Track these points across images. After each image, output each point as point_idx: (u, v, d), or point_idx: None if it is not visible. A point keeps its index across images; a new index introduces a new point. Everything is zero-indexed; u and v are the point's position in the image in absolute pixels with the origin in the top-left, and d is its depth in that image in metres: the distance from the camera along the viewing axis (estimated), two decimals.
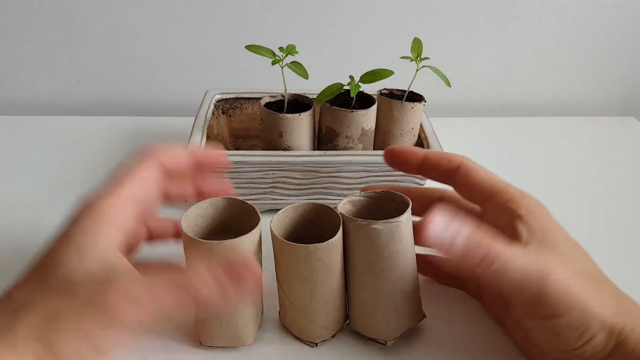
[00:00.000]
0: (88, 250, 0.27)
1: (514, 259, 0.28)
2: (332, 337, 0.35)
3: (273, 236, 0.32)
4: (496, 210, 0.32)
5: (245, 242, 0.30)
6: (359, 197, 0.35)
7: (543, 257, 0.29)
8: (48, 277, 0.27)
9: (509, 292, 0.29)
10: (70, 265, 0.27)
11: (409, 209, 0.32)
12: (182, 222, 0.31)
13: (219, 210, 0.34)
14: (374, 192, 0.35)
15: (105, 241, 0.28)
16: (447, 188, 0.36)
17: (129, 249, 0.32)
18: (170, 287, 0.26)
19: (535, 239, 0.30)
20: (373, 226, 0.31)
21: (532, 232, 0.31)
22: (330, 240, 0.31)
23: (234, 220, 0.34)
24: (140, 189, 0.30)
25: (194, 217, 0.33)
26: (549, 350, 0.31)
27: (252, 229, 0.30)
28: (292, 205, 0.34)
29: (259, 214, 0.32)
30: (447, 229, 0.28)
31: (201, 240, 0.29)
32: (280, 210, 0.33)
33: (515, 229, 0.31)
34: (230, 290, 0.26)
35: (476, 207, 0.35)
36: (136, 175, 0.31)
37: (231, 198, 0.34)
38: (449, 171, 0.34)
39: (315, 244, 0.30)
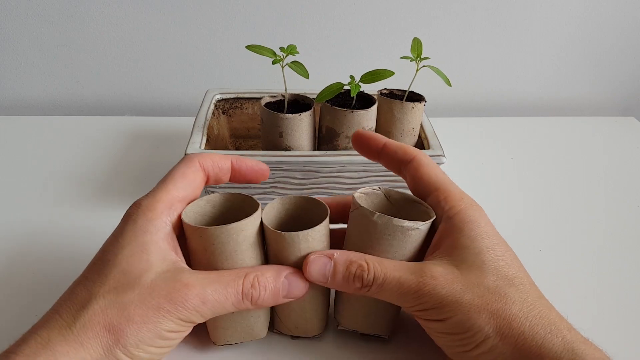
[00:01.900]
0: (150, 248, 0.29)
1: (388, 275, 0.30)
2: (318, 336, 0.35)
3: (265, 227, 0.32)
4: (434, 206, 0.33)
5: (248, 226, 0.30)
6: (372, 191, 0.35)
7: (433, 266, 0.30)
8: (111, 274, 0.28)
9: (396, 301, 0.31)
10: (132, 259, 0.28)
11: (432, 219, 0.32)
12: (183, 217, 0.31)
13: (217, 207, 0.34)
14: (393, 191, 0.35)
15: (162, 239, 0.30)
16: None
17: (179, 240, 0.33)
18: (236, 297, 0.29)
19: (445, 245, 0.32)
20: (420, 227, 0.31)
21: (446, 236, 0.32)
22: (316, 227, 0.31)
23: (233, 215, 0.34)
24: (184, 188, 0.32)
25: (192, 215, 0.33)
26: (451, 355, 0.31)
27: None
28: (279, 199, 0.34)
29: (257, 201, 0.32)
30: (323, 265, 0.31)
31: (203, 227, 0.30)
32: (268, 204, 0.33)
33: (437, 229, 0.33)
34: (285, 295, 0.31)
35: None
36: (178, 175, 0.32)
37: (227, 193, 0.34)
38: (403, 162, 0.35)
39: (302, 231, 0.31)
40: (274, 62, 0.43)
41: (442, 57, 0.69)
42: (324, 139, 0.48)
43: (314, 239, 0.31)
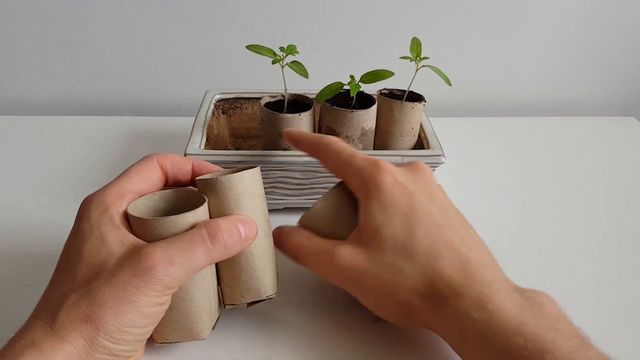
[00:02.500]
0: (107, 238, 0.29)
1: (304, 243, 0.34)
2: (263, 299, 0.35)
3: (197, 182, 0.33)
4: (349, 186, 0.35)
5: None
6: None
7: (343, 247, 0.33)
8: (78, 270, 0.28)
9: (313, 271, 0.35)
10: (94, 252, 0.28)
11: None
12: (129, 209, 0.31)
13: (170, 202, 0.34)
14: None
15: (117, 227, 0.30)
16: None
17: None
18: (205, 245, 0.29)
19: (359, 225, 0.34)
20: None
21: (359, 217, 0.34)
22: (250, 169, 0.32)
23: (181, 210, 0.33)
24: (138, 183, 0.32)
25: (143, 208, 0.32)
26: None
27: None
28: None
29: (204, 196, 0.32)
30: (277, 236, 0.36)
31: (148, 218, 0.30)
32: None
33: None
34: (245, 239, 0.31)
35: None
36: (134, 171, 0.33)
37: (180, 189, 0.34)
38: (314, 148, 0.38)
39: (237, 172, 0.32)
40: (273, 62, 0.43)
41: (442, 57, 0.69)
42: None
43: (249, 182, 0.32)
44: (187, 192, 0.34)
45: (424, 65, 0.44)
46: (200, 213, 0.31)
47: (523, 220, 0.50)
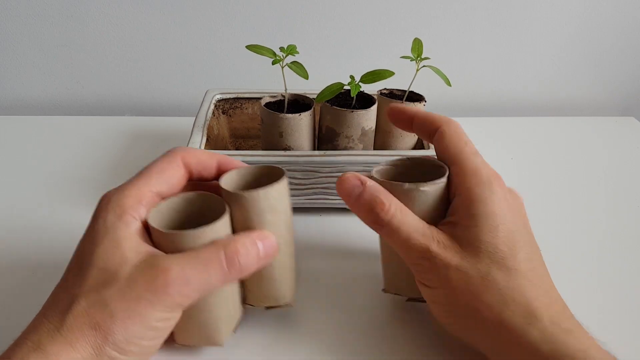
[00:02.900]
0: (122, 243, 0.28)
1: (402, 226, 0.31)
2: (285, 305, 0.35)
3: (225, 193, 0.32)
4: (455, 177, 0.33)
5: (206, 233, 0.30)
6: (385, 167, 0.36)
7: (442, 235, 0.31)
8: (89, 274, 0.28)
9: (400, 252, 0.32)
10: (107, 256, 0.28)
11: (442, 180, 0.33)
12: (151, 216, 0.30)
13: (194, 204, 0.33)
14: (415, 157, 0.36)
15: (133, 233, 0.29)
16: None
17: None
18: (221, 269, 0.29)
19: (454, 219, 0.32)
20: (421, 188, 0.32)
21: (456, 211, 0.32)
22: (274, 184, 0.31)
23: (209, 215, 0.33)
24: (159, 184, 0.31)
25: (166, 210, 0.32)
26: (443, 325, 0.33)
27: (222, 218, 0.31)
28: (244, 167, 0.34)
29: (226, 205, 0.32)
30: (353, 186, 0.33)
31: (171, 231, 0.29)
32: (231, 171, 0.33)
33: (451, 204, 0.33)
34: (263, 257, 0.31)
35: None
36: (155, 170, 0.32)
37: (203, 193, 0.33)
38: (431, 131, 0.36)
39: (262, 189, 0.31)
40: (273, 63, 0.43)
41: (442, 57, 0.69)
42: (324, 139, 0.48)
43: (274, 197, 0.31)
44: (209, 197, 0.33)
45: (424, 66, 0.44)
46: (220, 226, 0.31)
47: None
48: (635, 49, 0.72)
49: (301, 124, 0.45)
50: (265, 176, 0.34)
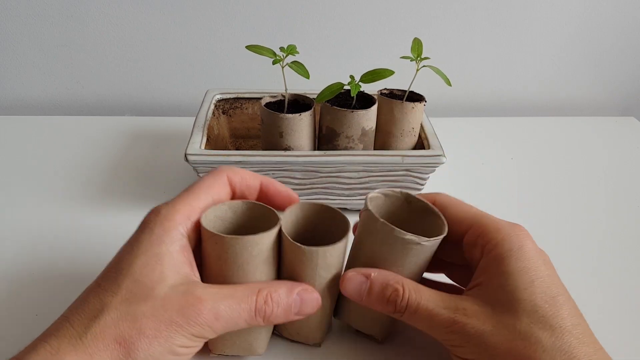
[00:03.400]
0: (164, 259, 0.28)
1: (421, 304, 0.30)
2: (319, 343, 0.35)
3: (283, 237, 0.31)
4: (472, 245, 0.32)
5: (264, 240, 0.30)
6: (393, 193, 0.34)
7: (468, 303, 0.29)
8: (124, 284, 0.27)
9: (427, 331, 0.31)
10: (147, 270, 0.28)
11: (442, 237, 0.31)
12: (201, 220, 0.31)
13: (238, 214, 0.33)
14: (414, 197, 0.34)
15: (177, 251, 0.29)
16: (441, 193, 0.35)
17: (195, 253, 0.32)
18: (249, 313, 0.29)
19: (483, 282, 0.30)
20: (423, 243, 0.30)
21: (484, 272, 0.30)
22: (336, 244, 0.30)
23: (253, 225, 0.33)
24: (207, 200, 0.32)
25: (213, 218, 0.32)
26: None
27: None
28: (298, 204, 0.33)
29: (278, 214, 0.32)
30: (359, 284, 0.31)
31: (220, 234, 0.29)
32: (287, 209, 0.33)
33: (478, 265, 0.31)
34: (296, 312, 0.31)
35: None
36: (204, 186, 0.32)
37: (251, 202, 0.33)
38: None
39: (322, 247, 0.30)
40: (274, 62, 0.43)
41: (442, 57, 0.69)
42: (324, 139, 0.48)
43: (332, 255, 0.31)
44: (255, 205, 0.33)
45: (424, 66, 0.44)
46: (273, 233, 0.30)
47: (522, 221, 0.50)
48: (635, 49, 0.72)
49: (301, 124, 0.45)
50: (329, 219, 0.33)
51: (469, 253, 0.32)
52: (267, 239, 0.30)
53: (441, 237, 0.31)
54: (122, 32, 0.66)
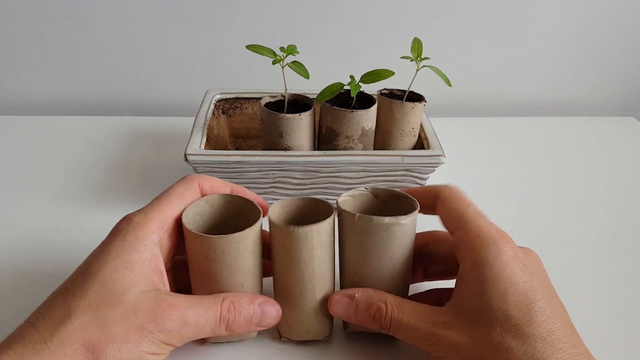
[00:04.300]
0: (135, 266, 0.28)
1: (404, 320, 0.31)
2: (327, 337, 0.35)
3: (273, 225, 0.32)
4: (455, 248, 0.32)
5: (249, 235, 0.31)
6: (360, 192, 0.35)
7: (446, 315, 0.30)
8: (92, 288, 0.27)
9: (413, 344, 0.31)
10: (116, 276, 0.28)
11: (416, 211, 0.32)
12: (184, 222, 0.31)
13: (215, 207, 0.34)
14: (379, 189, 0.35)
15: (149, 260, 0.29)
16: (447, 186, 0.36)
17: (165, 262, 0.32)
18: (215, 321, 0.30)
19: (460, 291, 0.31)
20: (402, 222, 0.31)
21: (461, 281, 0.31)
22: (326, 219, 0.31)
23: (231, 216, 0.34)
24: (179, 208, 0.32)
25: (192, 216, 0.33)
26: None
27: (254, 223, 0.31)
28: (288, 198, 0.34)
29: (259, 207, 0.32)
30: (345, 306, 0.33)
31: (206, 235, 0.30)
32: (277, 202, 0.33)
33: (457, 275, 0.32)
34: (257, 323, 0.32)
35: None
36: (175, 194, 0.32)
37: (228, 195, 0.34)
38: (432, 203, 0.35)
39: (314, 225, 0.31)
40: (274, 62, 0.43)
41: (442, 57, 0.69)
42: (324, 139, 0.48)
43: (325, 232, 0.31)
44: (232, 197, 0.34)
45: (424, 66, 0.44)
46: (257, 227, 0.31)
47: (522, 221, 0.50)
48: (635, 49, 0.72)
49: (301, 124, 0.45)
50: (308, 209, 0.34)
51: (456, 256, 0.32)
52: (252, 232, 0.31)
53: (416, 211, 0.32)
54: (122, 32, 0.66)
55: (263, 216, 0.33)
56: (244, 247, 0.30)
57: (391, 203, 0.35)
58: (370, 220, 0.31)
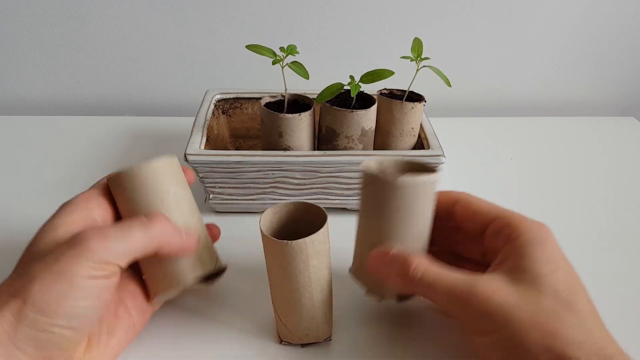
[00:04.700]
0: (58, 228, 0.30)
1: (439, 277, 0.30)
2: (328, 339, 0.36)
3: (266, 239, 0.32)
4: (494, 235, 0.33)
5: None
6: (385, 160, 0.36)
7: (489, 279, 0.30)
8: (23, 259, 0.30)
9: (441, 306, 0.31)
10: (42, 240, 0.30)
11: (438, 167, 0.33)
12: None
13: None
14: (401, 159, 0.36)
15: (75, 221, 0.31)
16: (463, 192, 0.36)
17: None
18: (138, 221, 0.30)
19: (507, 265, 0.31)
20: (431, 179, 0.32)
21: (508, 257, 0.31)
22: (320, 230, 0.31)
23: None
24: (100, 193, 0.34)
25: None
26: None
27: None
28: (279, 204, 0.34)
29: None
30: (380, 260, 0.33)
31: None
32: (268, 210, 0.33)
33: (502, 250, 0.32)
34: (184, 244, 0.32)
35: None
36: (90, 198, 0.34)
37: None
38: (449, 205, 0.35)
39: (308, 237, 0.31)
40: (274, 63, 0.43)
41: (442, 57, 0.69)
42: (323, 139, 0.48)
43: (319, 242, 0.31)
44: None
45: (424, 66, 0.44)
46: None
47: None
48: (635, 49, 0.72)
49: (301, 124, 0.45)
50: (300, 213, 0.35)
51: (491, 242, 0.33)
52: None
53: (440, 169, 0.33)
54: (122, 32, 0.66)
55: (214, 241, 0.36)
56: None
57: (404, 169, 0.36)
58: (414, 180, 0.31)
